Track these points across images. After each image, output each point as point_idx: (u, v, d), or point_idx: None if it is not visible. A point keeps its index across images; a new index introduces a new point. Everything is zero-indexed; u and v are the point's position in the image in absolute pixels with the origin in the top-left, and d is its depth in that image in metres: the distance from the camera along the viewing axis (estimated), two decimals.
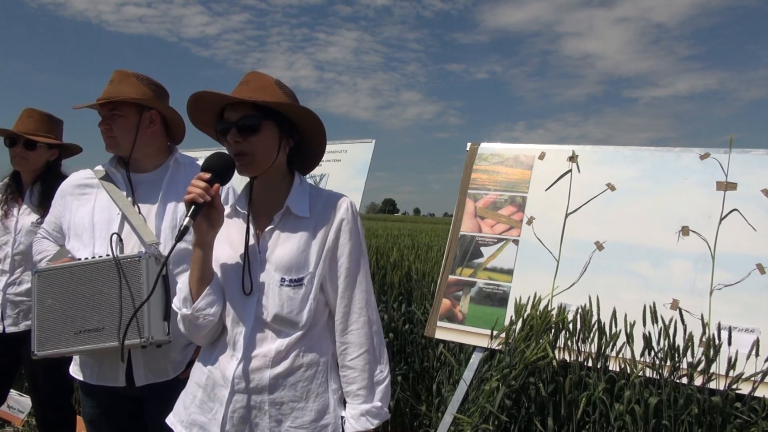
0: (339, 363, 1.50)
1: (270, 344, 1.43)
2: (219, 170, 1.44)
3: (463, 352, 3.42)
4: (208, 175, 1.42)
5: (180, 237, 1.37)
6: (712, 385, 2.42)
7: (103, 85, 1.98)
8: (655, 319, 2.57)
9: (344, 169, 3.62)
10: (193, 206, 1.38)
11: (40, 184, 2.75)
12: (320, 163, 1.68)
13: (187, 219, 1.37)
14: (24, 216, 2.72)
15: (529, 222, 3.18)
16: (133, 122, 1.95)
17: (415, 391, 3.75)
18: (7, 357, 2.82)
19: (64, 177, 2.74)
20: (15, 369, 2.93)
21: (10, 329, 2.73)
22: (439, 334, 3.17)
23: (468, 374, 2.97)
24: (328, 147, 4.00)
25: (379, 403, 1.47)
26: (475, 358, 3.01)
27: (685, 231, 2.83)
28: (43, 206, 2.69)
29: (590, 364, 2.67)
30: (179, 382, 1.90)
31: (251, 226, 1.51)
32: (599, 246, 2.97)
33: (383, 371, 1.50)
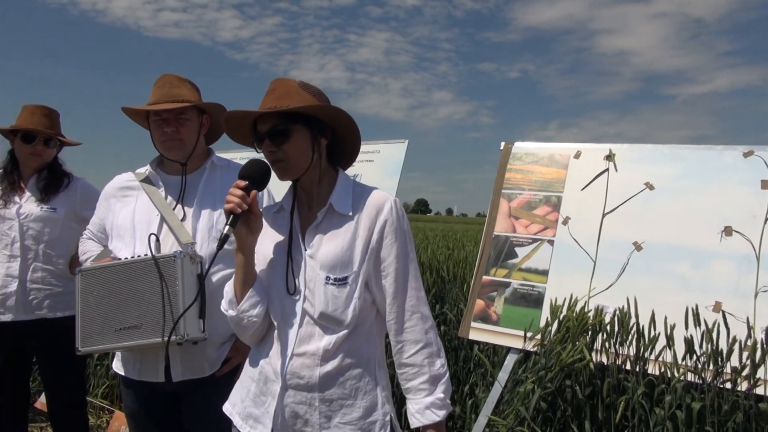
0: (396, 362, 1.50)
1: (318, 342, 1.46)
2: (255, 177, 1.49)
3: (497, 353, 3.39)
4: (244, 183, 1.47)
5: (221, 245, 1.44)
6: (759, 390, 2.34)
7: (142, 88, 2.04)
8: (697, 322, 2.49)
9: (377, 170, 3.62)
10: (231, 216, 1.43)
11: (47, 173, 2.79)
12: (354, 162, 1.69)
13: (227, 228, 1.43)
14: (29, 203, 2.73)
15: (565, 222, 3.13)
16: (197, 126, 2.03)
17: None
18: (17, 346, 2.76)
19: (62, 165, 2.86)
20: (28, 359, 2.88)
21: (20, 317, 2.67)
22: (473, 335, 3.14)
23: (503, 376, 2.94)
24: (362, 147, 4.01)
25: (442, 395, 1.46)
26: (510, 360, 2.98)
27: (727, 231, 2.75)
28: (49, 194, 2.75)
29: (628, 367, 2.62)
30: (215, 379, 1.93)
31: (296, 224, 1.54)
32: (638, 246, 2.90)
33: (443, 365, 1.50)
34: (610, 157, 3.15)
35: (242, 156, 3.97)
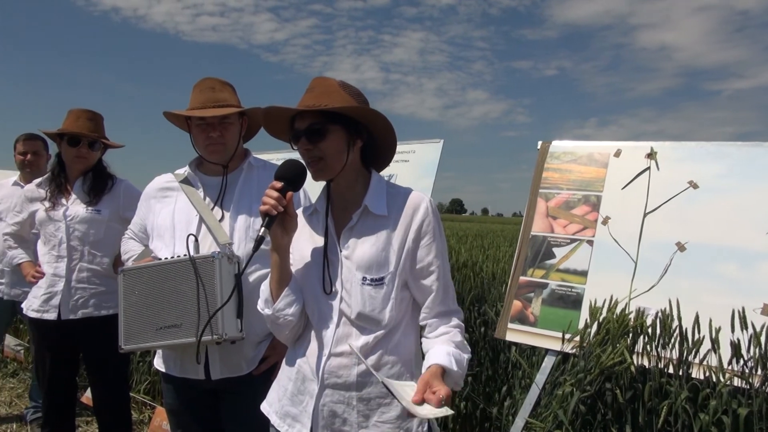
0: (435, 340, 1.49)
1: (355, 341, 1.47)
2: (291, 178, 1.51)
3: (535, 355, 3.34)
4: (280, 185, 1.48)
5: (257, 246, 1.47)
6: None
7: (182, 91, 2.08)
8: (744, 325, 2.41)
9: (413, 170, 3.61)
10: (267, 217, 1.45)
11: (92, 176, 2.89)
12: (389, 164, 1.69)
13: (263, 230, 1.46)
14: (75, 205, 2.82)
15: (605, 222, 3.06)
16: (239, 129, 2.07)
17: (485, 394, 3.70)
18: (64, 345, 2.88)
19: (106, 168, 2.95)
20: (75, 355, 2.99)
21: (67, 316, 2.77)
22: (510, 336, 3.10)
23: (540, 378, 2.90)
24: (397, 147, 4.01)
25: (465, 365, 1.44)
26: (548, 362, 2.93)
27: None
28: (94, 196, 2.84)
29: (671, 370, 2.54)
30: (252, 378, 1.96)
31: (331, 226, 1.56)
32: (681, 247, 2.82)
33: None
34: (651, 155, 3.07)
35: (278, 157, 4.02)
